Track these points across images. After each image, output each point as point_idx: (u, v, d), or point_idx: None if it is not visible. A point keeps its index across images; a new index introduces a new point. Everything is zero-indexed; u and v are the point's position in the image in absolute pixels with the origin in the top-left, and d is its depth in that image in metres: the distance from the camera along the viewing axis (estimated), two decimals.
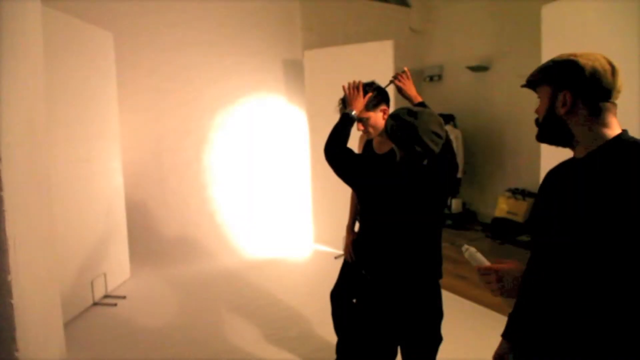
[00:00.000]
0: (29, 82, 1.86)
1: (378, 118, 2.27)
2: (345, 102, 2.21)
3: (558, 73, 1.15)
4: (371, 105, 2.24)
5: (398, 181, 1.80)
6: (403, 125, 1.73)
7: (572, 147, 1.17)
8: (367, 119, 2.24)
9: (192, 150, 5.13)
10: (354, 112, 2.02)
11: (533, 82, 1.22)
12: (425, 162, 1.82)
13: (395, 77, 2.20)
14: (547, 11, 3.33)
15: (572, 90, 1.12)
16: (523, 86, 1.26)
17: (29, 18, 1.89)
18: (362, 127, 2.27)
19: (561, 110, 1.13)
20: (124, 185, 4.35)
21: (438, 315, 1.99)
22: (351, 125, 2.00)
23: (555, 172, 1.22)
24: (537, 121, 1.21)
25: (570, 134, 1.14)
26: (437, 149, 1.75)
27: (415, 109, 1.79)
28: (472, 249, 1.39)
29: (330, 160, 1.92)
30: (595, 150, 1.10)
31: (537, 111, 1.21)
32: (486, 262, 1.38)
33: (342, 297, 2.63)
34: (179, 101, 5.00)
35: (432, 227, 1.92)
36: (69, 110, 3.51)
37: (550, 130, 1.18)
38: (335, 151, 1.91)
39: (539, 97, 1.21)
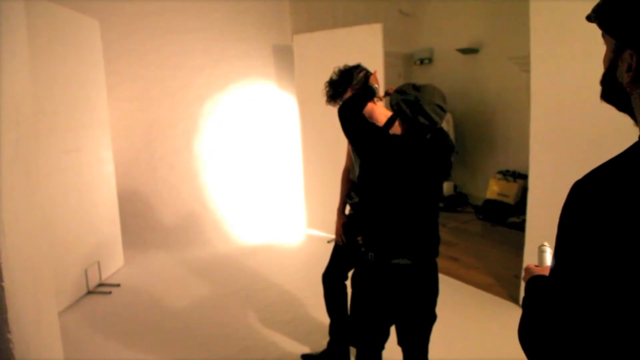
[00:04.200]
0: (14, 71, 1.84)
1: None
2: (332, 85, 2.26)
3: (621, 17, 0.74)
4: (356, 88, 2.26)
5: (401, 151, 1.84)
6: (408, 98, 1.79)
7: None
8: None
9: (183, 138, 5.11)
10: (377, 87, 2.08)
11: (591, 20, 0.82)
12: (428, 136, 1.87)
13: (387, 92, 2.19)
14: None
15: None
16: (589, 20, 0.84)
17: (12, 5, 1.87)
18: None
19: (624, 77, 0.75)
20: (116, 174, 4.34)
21: (434, 293, 2.03)
22: (371, 97, 2.04)
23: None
24: (603, 75, 0.83)
25: (632, 111, 0.79)
26: (440, 121, 1.81)
27: (419, 84, 1.84)
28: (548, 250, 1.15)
29: (341, 119, 1.98)
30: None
31: (603, 58, 0.83)
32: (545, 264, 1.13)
33: (334, 279, 2.66)
34: (168, 89, 4.97)
35: (431, 205, 1.95)
36: (56, 100, 3.48)
37: (611, 96, 0.82)
38: (347, 113, 1.97)
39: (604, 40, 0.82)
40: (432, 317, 2.05)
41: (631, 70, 0.74)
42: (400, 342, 2.08)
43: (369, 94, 2.01)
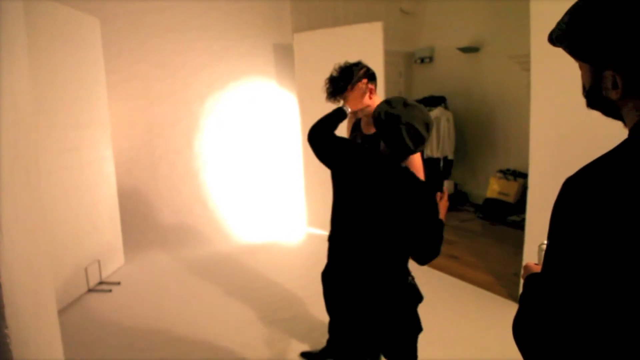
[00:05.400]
0: (12, 69, 1.84)
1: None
2: (332, 81, 2.24)
3: (589, 43, 0.76)
4: (355, 86, 2.24)
5: (357, 166, 1.78)
6: (388, 113, 1.67)
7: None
8: None
9: (183, 136, 5.11)
10: (348, 110, 2.04)
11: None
12: (404, 162, 1.75)
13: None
14: None
15: (623, 70, 0.74)
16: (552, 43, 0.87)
17: (11, 4, 1.87)
18: None
19: (612, 95, 0.77)
20: (116, 172, 4.34)
21: (403, 334, 1.88)
22: (340, 119, 2.02)
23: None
24: (583, 89, 0.85)
25: (619, 116, 0.81)
26: (411, 145, 1.65)
27: (412, 102, 1.71)
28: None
29: (309, 140, 2.01)
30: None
31: (582, 77, 0.85)
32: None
33: (333, 278, 2.66)
34: (169, 87, 4.96)
35: (387, 239, 1.75)
36: (56, 98, 3.48)
37: (597, 106, 0.84)
38: (316, 134, 1.97)
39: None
40: (407, 356, 1.90)
41: (617, 88, 0.75)
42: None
43: (337, 115, 2.01)
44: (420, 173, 2.16)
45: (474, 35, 6.01)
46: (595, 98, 0.82)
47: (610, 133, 1.02)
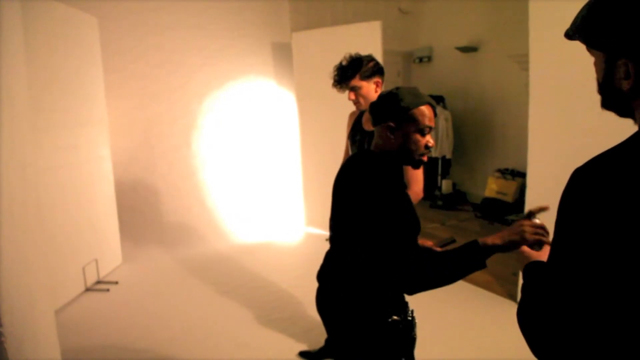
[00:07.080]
0: (9, 67, 1.84)
1: (370, 89, 2.25)
2: (340, 69, 2.22)
3: (604, 32, 0.77)
4: (365, 76, 2.23)
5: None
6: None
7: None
8: (359, 87, 2.24)
9: (182, 135, 5.10)
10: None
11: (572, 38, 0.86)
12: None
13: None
14: None
15: (636, 58, 0.74)
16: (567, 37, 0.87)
17: (8, 3, 1.86)
18: (353, 97, 2.28)
19: (624, 85, 0.77)
20: (114, 171, 4.33)
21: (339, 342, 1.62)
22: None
23: None
24: (598, 84, 0.85)
25: (633, 115, 0.81)
26: (406, 100, 1.41)
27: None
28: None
29: None
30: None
31: (596, 71, 0.85)
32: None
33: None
34: (167, 86, 4.95)
35: (345, 242, 1.51)
36: (54, 97, 3.47)
37: (612, 102, 0.84)
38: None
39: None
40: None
41: (630, 78, 0.75)
42: None
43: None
44: (419, 176, 2.15)
45: (472, 34, 6.01)
46: (608, 92, 0.82)
47: (609, 132, 1.02)
